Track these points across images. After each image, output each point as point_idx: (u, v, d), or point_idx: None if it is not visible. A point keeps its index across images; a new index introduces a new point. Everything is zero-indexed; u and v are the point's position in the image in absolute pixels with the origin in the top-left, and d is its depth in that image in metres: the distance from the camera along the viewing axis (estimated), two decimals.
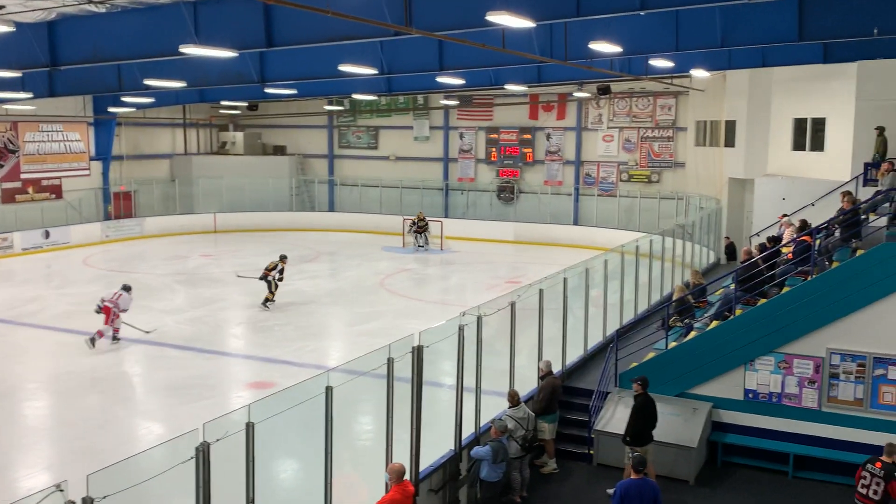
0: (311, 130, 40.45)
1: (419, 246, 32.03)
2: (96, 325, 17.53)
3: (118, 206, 35.61)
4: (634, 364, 13.10)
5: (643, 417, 11.07)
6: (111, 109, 33.50)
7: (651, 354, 13.30)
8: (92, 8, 15.76)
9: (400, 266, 28.07)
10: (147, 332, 17.45)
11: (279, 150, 41.11)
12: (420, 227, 32.43)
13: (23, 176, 32.21)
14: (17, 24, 15.56)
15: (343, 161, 40.29)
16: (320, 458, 8.09)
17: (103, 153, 35.43)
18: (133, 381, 15.86)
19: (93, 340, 17.13)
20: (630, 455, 9.29)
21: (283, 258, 21.79)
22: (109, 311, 17.65)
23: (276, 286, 21.25)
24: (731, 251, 24.90)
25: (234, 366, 16.89)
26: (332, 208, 39.56)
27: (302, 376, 14.30)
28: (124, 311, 17.97)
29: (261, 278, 21.42)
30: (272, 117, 40.03)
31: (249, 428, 6.65)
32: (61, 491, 5.11)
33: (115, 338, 17.77)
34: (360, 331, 19.06)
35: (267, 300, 21.09)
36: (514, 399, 11.11)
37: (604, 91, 27.84)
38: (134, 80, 22.31)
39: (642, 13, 12.77)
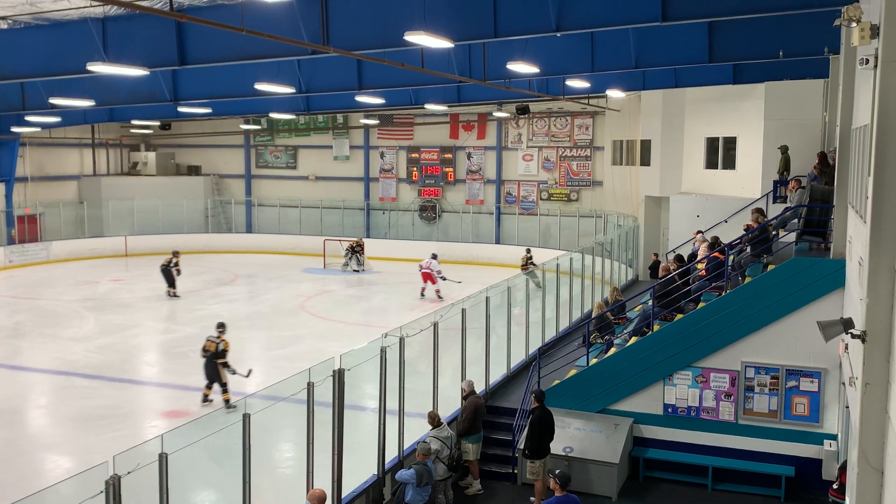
0: (226, 150, 39.80)
1: (355, 269, 31.64)
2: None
3: (22, 229, 34.17)
4: (557, 381, 13.27)
5: (540, 431, 11.29)
6: (14, 129, 32.16)
7: (573, 371, 13.51)
8: None
9: (321, 288, 27.79)
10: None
11: (193, 171, 40.26)
12: (357, 251, 32.18)
13: None
14: None
15: (261, 181, 39.76)
16: (238, 487, 7.90)
17: (6, 174, 33.95)
18: (39, 412, 15.19)
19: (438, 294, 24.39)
20: (553, 473, 9.38)
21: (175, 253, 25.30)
22: (430, 275, 24.68)
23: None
24: (655, 268, 25.52)
25: (147, 394, 16.38)
26: (249, 229, 38.94)
27: (218, 404, 14.04)
28: (438, 271, 24.78)
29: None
30: (186, 137, 39.30)
31: (163, 459, 6.45)
32: None
33: (439, 296, 24.10)
34: (280, 355, 18.76)
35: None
36: (435, 420, 11.12)
37: (523, 111, 28.35)
38: (39, 98, 21.58)
39: (558, 34, 13.07)
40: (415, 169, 36.34)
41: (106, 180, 37.94)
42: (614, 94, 23.61)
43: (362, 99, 23.66)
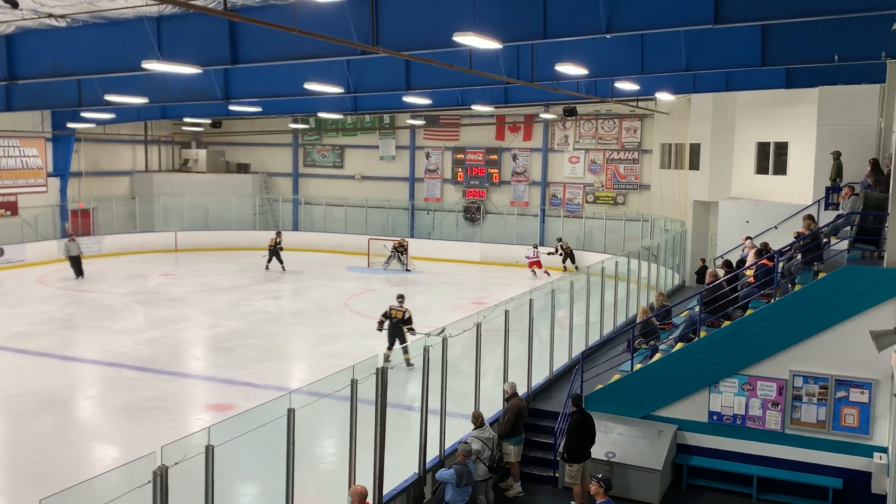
0: (275, 148, 40.29)
1: (407, 269, 31.93)
2: (50, 345, 17.20)
3: (76, 223, 35.03)
4: (600, 386, 13.18)
5: (578, 434, 11.23)
6: (70, 125, 33.07)
7: (616, 376, 13.39)
8: (52, 22, 15.62)
9: (365, 286, 27.97)
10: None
11: (243, 169, 40.85)
12: (400, 251, 32.44)
13: None
14: None
15: (308, 180, 40.16)
16: (282, 481, 8.00)
17: (61, 169, 34.88)
18: (88, 402, 15.55)
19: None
20: (595, 477, 9.31)
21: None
22: (538, 262, 30.07)
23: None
24: (702, 273, 25.19)
25: (193, 387, 16.65)
26: (296, 227, 39.36)
27: (263, 398, 14.21)
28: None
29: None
30: (236, 135, 39.86)
31: (209, 451, 6.54)
32: None
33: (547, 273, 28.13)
34: (324, 352, 18.93)
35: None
36: (478, 420, 11.11)
37: (570, 113, 28.20)
38: (94, 95, 22.09)
39: (608, 36, 12.98)
40: (460, 170, 36.37)
41: (157, 176, 38.70)
42: (663, 96, 23.35)
43: (410, 99, 23.76)
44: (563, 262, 30.99)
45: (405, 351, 16.45)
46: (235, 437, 6.85)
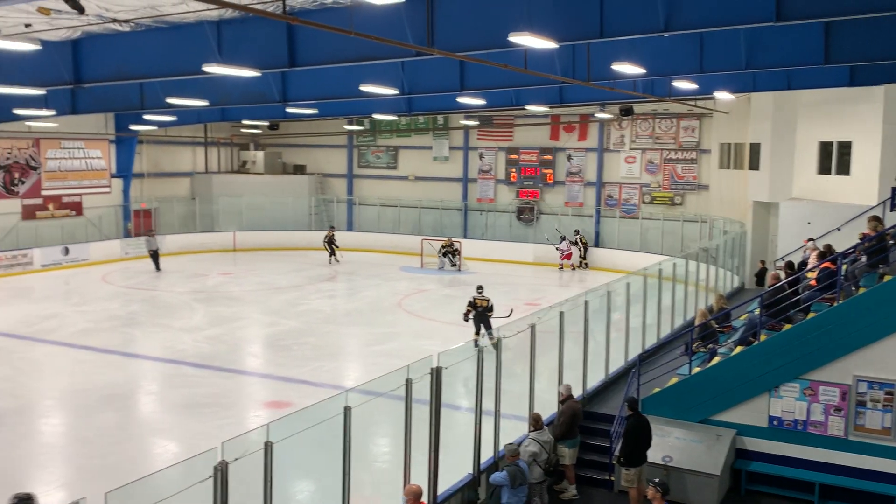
0: (330, 150, 40.75)
1: (452, 266, 32.33)
2: (112, 342, 17.66)
3: (138, 223, 35.96)
4: (657, 389, 13.01)
5: (635, 438, 11.10)
6: (133, 127, 33.94)
7: (674, 380, 13.20)
8: (116, 27, 16.03)
9: (418, 287, 28.09)
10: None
11: (299, 170, 41.43)
12: (449, 251, 32.61)
13: (43, 192, 32.64)
14: (43, 42, 15.87)
15: (362, 181, 40.52)
16: (337, 478, 8.08)
17: (124, 171, 35.85)
18: (149, 398, 15.92)
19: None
20: (653, 482, 9.20)
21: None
22: (569, 255, 31.65)
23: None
24: (762, 275, 24.71)
25: (251, 384, 16.94)
26: (350, 228, 39.74)
27: (319, 396, 14.36)
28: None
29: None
30: (292, 137, 40.44)
31: (268, 447, 6.65)
32: None
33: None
34: (378, 351, 19.07)
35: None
36: (537, 422, 11.06)
37: (626, 112, 27.87)
38: (156, 98, 22.61)
39: (666, 35, 12.79)
40: (513, 170, 36.27)
41: (217, 177, 39.48)
42: (722, 95, 22.93)
43: (464, 100, 23.78)
44: (582, 256, 32.28)
45: (490, 336, 17.44)
46: (293, 434, 6.94)
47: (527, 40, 11.86)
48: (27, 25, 15.26)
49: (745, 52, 16.83)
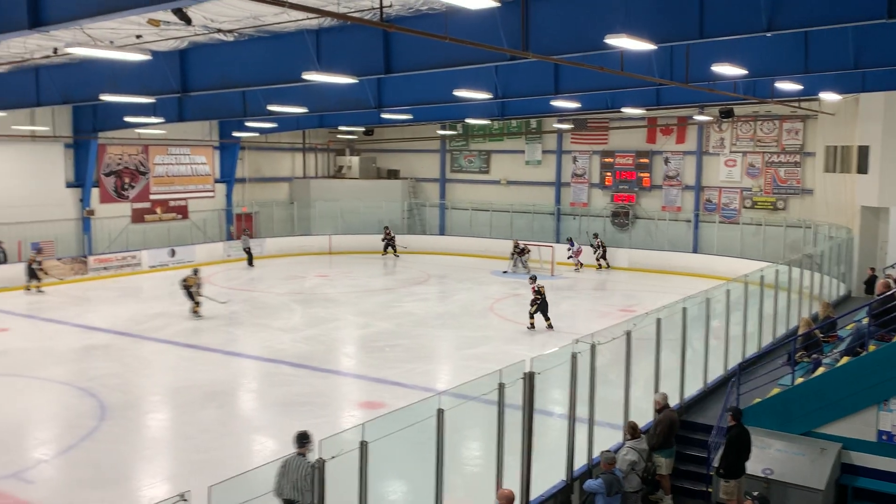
0: (423, 154, 41.17)
1: (524, 268, 32.49)
2: (215, 341, 18.26)
3: (240, 226, 37.20)
4: (758, 400, 12.58)
5: (737, 450, 10.77)
6: (236, 134, 35.19)
7: (776, 390, 12.75)
8: (221, 37, 16.64)
9: (509, 291, 28.03)
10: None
11: (393, 174, 42.04)
12: (519, 251, 32.69)
13: (152, 197, 34.16)
14: (153, 52, 16.61)
15: (454, 185, 40.76)
16: (430, 480, 8.14)
17: (227, 176, 37.18)
18: (249, 395, 16.41)
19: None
20: (751, 495, 8.91)
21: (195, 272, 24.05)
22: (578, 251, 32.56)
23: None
24: (871, 283, 23.61)
25: (345, 385, 17.25)
26: (442, 231, 40.03)
27: (411, 398, 14.51)
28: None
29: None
30: (386, 142, 41.03)
31: (363, 447, 6.76)
32: (185, 501, 5.35)
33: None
34: (469, 355, 19.12)
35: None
36: (634, 431, 10.86)
37: (726, 114, 27.10)
38: (258, 105, 23.37)
39: (769, 34, 12.38)
40: (608, 174, 35.78)
41: (314, 182, 40.46)
42: (828, 96, 22.03)
43: (558, 103, 23.64)
44: (601, 258, 32.91)
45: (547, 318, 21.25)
46: (388, 434, 7.04)
47: (624, 42, 11.70)
48: (138, 37, 16.02)
49: (854, 50, 16.13)
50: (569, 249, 33.13)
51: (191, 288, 23.33)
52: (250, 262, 33.59)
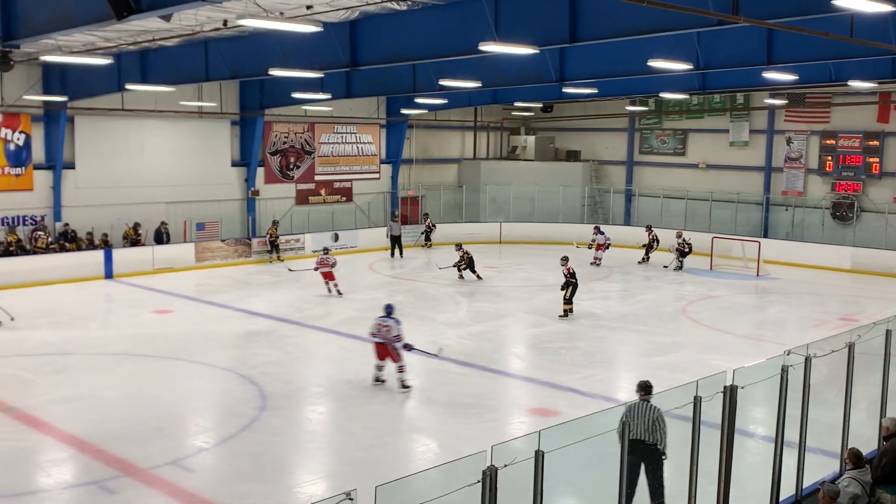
0: (608, 134, 40.62)
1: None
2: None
3: (405, 210, 38.25)
4: None
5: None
6: (404, 111, 36.18)
7: None
8: (394, 6, 17.16)
9: (706, 291, 27.15)
10: None
11: (572, 156, 41.71)
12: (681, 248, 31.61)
13: (316, 178, 35.82)
14: (323, 24, 17.36)
15: (643, 168, 39.94)
16: (606, 498, 8.06)
17: (394, 156, 38.36)
18: (413, 394, 16.89)
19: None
20: None
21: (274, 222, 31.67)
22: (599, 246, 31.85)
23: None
24: None
25: (515, 388, 17.36)
26: (627, 222, 39.33)
27: (589, 408, 14.44)
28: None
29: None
30: (566, 120, 40.81)
31: (539, 456, 6.78)
32: (351, 500, 5.57)
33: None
34: (657, 363, 18.72)
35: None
36: (858, 459, 10.25)
37: None
38: (429, 80, 23.92)
39: None
40: (829, 158, 33.85)
41: (485, 164, 40.92)
42: None
43: (770, 75, 22.62)
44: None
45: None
46: (564, 445, 7.02)
47: (855, 3, 11.01)
48: (308, 7, 16.81)
49: None
50: (592, 240, 32.49)
51: (273, 240, 30.76)
52: (395, 253, 33.53)
